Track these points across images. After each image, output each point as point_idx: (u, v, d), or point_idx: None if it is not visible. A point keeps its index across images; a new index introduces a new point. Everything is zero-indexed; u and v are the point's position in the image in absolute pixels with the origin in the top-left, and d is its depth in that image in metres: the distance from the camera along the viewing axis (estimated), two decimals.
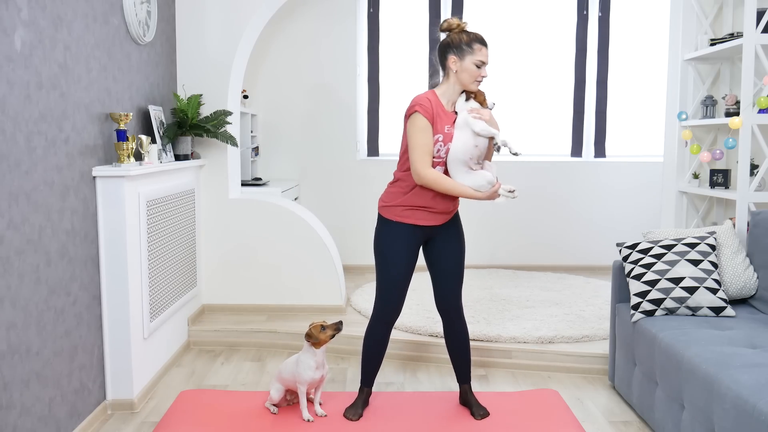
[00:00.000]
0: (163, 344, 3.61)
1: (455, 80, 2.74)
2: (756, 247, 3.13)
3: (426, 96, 2.72)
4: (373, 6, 5.83)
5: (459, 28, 2.75)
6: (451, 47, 2.72)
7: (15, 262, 2.35)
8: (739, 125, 3.44)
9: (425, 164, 2.67)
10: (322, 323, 2.82)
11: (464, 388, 3.01)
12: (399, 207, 2.78)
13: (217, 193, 4.33)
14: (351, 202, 5.91)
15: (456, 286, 2.91)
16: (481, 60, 2.69)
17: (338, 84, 5.85)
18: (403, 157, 2.79)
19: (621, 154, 6.05)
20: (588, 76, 5.93)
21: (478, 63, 2.69)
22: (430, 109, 2.68)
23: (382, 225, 2.84)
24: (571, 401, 3.22)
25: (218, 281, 4.39)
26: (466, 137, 2.70)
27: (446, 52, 2.73)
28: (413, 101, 2.71)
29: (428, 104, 2.68)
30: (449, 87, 2.76)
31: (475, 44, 2.69)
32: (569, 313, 4.19)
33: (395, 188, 2.81)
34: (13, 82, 2.34)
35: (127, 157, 3.09)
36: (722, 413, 2.19)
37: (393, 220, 2.80)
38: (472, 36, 2.71)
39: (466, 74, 2.71)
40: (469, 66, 2.69)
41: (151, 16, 3.68)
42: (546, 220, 5.96)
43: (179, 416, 2.92)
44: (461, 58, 2.69)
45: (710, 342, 2.55)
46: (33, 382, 2.47)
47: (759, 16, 3.46)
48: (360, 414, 2.91)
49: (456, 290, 2.91)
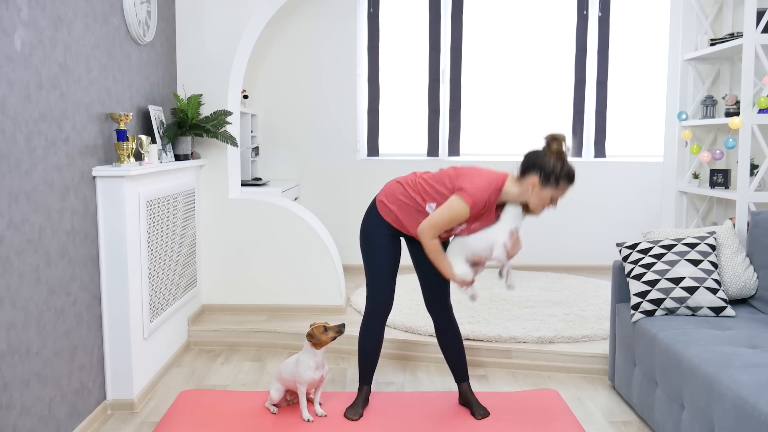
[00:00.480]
0: (163, 344, 3.61)
1: (522, 195, 2.66)
2: (756, 247, 3.12)
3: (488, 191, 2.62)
4: (373, 6, 5.83)
5: (558, 153, 2.62)
6: (540, 170, 2.60)
7: (15, 262, 2.35)
8: (739, 125, 3.44)
9: (435, 233, 2.67)
10: (324, 324, 2.82)
11: (464, 387, 3.01)
12: (395, 214, 2.81)
13: (217, 193, 4.33)
14: (351, 202, 5.91)
15: (443, 286, 2.93)
16: (560, 196, 2.64)
17: (338, 84, 5.85)
18: (428, 189, 2.73)
19: (621, 154, 6.05)
20: (588, 76, 5.93)
21: (555, 197, 2.64)
22: (480, 209, 2.63)
23: (371, 217, 2.86)
24: (571, 401, 3.22)
25: (218, 281, 4.39)
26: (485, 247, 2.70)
27: (533, 167, 2.62)
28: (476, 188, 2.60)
29: (481, 204, 2.61)
30: (514, 195, 2.68)
31: (563, 182, 2.61)
32: (569, 313, 4.19)
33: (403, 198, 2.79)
34: (13, 82, 2.34)
35: (127, 157, 3.09)
36: (722, 413, 2.19)
37: (384, 218, 2.83)
38: (566, 171, 2.60)
39: (537, 200, 2.64)
40: (545, 196, 2.63)
41: (151, 16, 3.68)
42: (546, 220, 5.95)
43: (179, 416, 2.92)
44: (543, 186, 2.61)
45: (710, 342, 2.55)
46: (33, 382, 2.47)
47: (759, 16, 3.46)
48: (360, 414, 2.92)
49: (443, 289, 2.93)
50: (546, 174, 2.60)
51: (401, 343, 3.78)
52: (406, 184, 2.80)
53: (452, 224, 2.67)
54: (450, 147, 5.96)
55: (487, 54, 5.92)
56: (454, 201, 2.63)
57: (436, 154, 5.97)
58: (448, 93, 5.93)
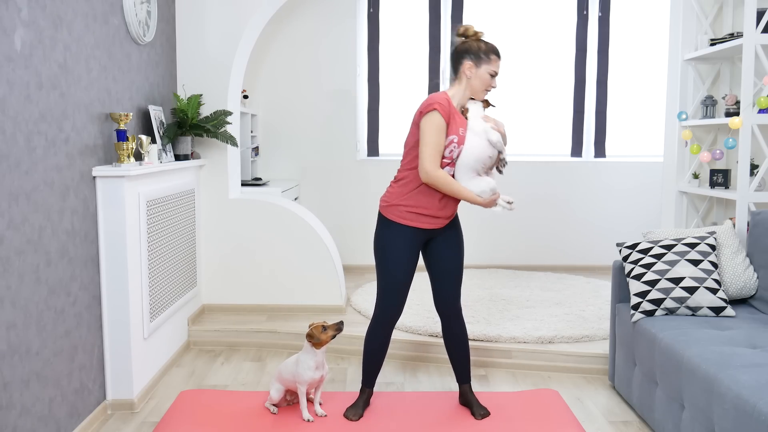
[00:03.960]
0: (163, 344, 3.61)
1: (467, 86, 2.79)
2: (756, 247, 3.13)
3: (444, 96, 2.74)
4: (373, 6, 5.83)
5: (476, 36, 2.80)
6: (468, 53, 2.76)
7: (15, 262, 2.35)
8: (739, 125, 3.44)
9: (435, 163, 2.68)
10: (323, 323, 2.82)
11: (464, 388, 3.01)
12: (401, 207, 2.78)
13: (217, 193, 4.33)
14: (351, 202, 5.91)
15: (455, 287, 2.91)
16: (495, 71, 2.77)
17: (338, 84, 5.85)
18: (409, 154, 2.78)
19: (621, 154, 6.05)
20: (588, 76, 5.93)
21: (492, 73, 2.76)
22: (448, 109, 2.70)
23: (382, 226, 2.83)
24: (571, 401, 3.22)
25: (218, 281, 4.39)
26: (483, 146, 2.73)
27: (462, 57, 2.77)
28: (431, 99, 2.72)
29: (446, 104, 2.70)
30: (459, 91, 2.80)
31: (492, 55, 2.76)
32: (569, 313, 4.19)
33: (398, 187, 2.80)
34: (13, 82, 2.34)
35: (127, 157, 3.09)
36: (722, 413, 2.19)
37: (394, 221, 2.79)
38: (490, 46, 2.77)
39: (478, 82, 2.77)
40: (483, 74, 2.76)
41: (151, 16, 3.68)
42: (546, 220, 5.96)
43: (179, 416, 2.92)
44: (477, 66, 2.75)
45: (710, 342, 2.55)
46: (33, 382, 2.47)
47: (759, 16, 3.46)
48: (360, 414, 2.92)
49: (455, 291, 2.92)
50: (473, 53, 2.75)
51: (401, 343, 3.78)
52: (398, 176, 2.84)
53: (440, 141, 2.68)
54: None
55: None
56: (425, 120, 2.69)
57: None
58: None
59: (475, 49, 2.76)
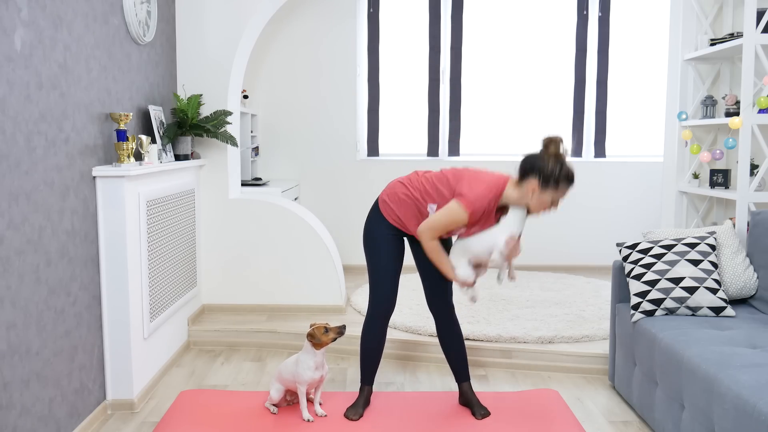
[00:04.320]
0: (163, 344, 3.61)
1: (524, 199, 2.65)
2: (756, 247, 3.12)
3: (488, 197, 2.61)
4: (373, 6, 5.83)
5: (554, 152, 2.60)
6: (540, 172, 2.58)
7: (15, 262, 2.35)
8: (739, 125, 3.44)
9: (434, 235, 2.69)
10: (325, 325, 2.82)
11: (464, 387, 3.01)
12: (394, 211, 2.82)
13: (217, 193, 4.33)
14: (351, 202, 5.91)
15: (445, 285, 2.93)
16: (559, 199, 2.62)
17: (338, 84, 5.85)
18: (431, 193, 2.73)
19: (621, 154, 6.05)
20: (588, 76, 5.93)
21: (555, 201, 2.62)
22: (479, 215, 2.63)
23: (374, 216, 2.87)
24: (571, 401, 3.22)
25: (218, 281, 4.39)
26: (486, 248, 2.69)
27: (532, 170, 2.60)
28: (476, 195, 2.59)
29: (480, 210, 2.61)
30: (516, 195, 2.66)
31: (563, 184, 2.59)
32: (569, 313, 4.19)
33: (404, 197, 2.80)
34: (13, 82, 2.34)
35: (127, 157, 3.09)
36: (722, 413, 2.19)
37: (386, 218, 2.84)
38: (565, 174, 2.58)
39: (537, 203, 2.63)
40: (545, 199, 2.61)
41: (151, 16, 3.68)
42: (546, 220, 5.96)
43: (179, 416, 2.92)
44: (543, 190, 2.60)
45: (710, 342, 2.55)
46: (33, 382, 2.47)
47: (759, 16, 3.46)
48: (360, 414, 2.92)
49: (446, 288, 2.94)
50: (545, 177, 2.58)
51: (401, 343, 3.78)
52: (408, 183, 2.81)
53: (450, 228, 2.68)
54: (450, 147, 5.96)
55: (487, 54, 5.92)
56: (453, 206, 2.63)
57: (436, 154, 5.97)
58: (448, 93, 5.93)
59: (549, 172, 2.57)
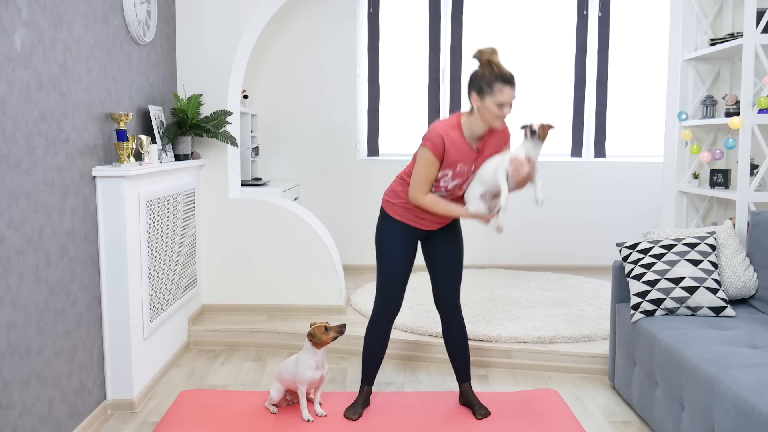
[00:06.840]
0: (163, 344, 3.61)
1: (477, 116, 2.62)
2: (756, 247, 3.12)
3: (445, 129, 2.63)
4: (373, 6, 5.83)
5: (486, 60, 2.59)
6: (473, 83, 2.60)
7: (15, 262, 2.35)
8: (739, 125, 3.44)
9: (422, 191, 2.69)
10: (325, 324, 2.82)
11: (465, 387, 3.01)
12: (399, 206, 2.83)
13: (217, 193, 4.33)
14: (351, 202, 5.91)
15: (455, 283, 2.93)
16: (502, 101, 2.54)
17: (338, 84, 5.85)
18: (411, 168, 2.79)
19: (621, 154, 6.05)
20: (588, 76, 5.93)
21: (499, 104, 2.55)
22: (441, 147, 2.62)
23: (382, 218, 2.89)
24: (571, 401, 3.22)
25: (218, 281, 4.39)
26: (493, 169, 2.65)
27: (469, 86, 2.62)
28: (430, 131, 2.64)
29: (440, 142, 2.61)
30: (470, 121, 2.66)
31: (496, 84, 2.53)
32: (569, 313, 4.19)
33: (400, 186, 2.84)
34: (13, 82, 2.34)
35: (127, 157, 3.09)
36: (722, 413, 2.19)
37: (393, 217, 2.84)
38: (496, 74, 2.54)
39: (486, 113, 2.58)
40: (489, 106, 2.56)
41: (151, 16, 3.68)
42: (546, 220, 5.96)
43: (179, 416, 2.92)
44: (481, 98, 2.57)
45: (710, 342, 2.55)
46: (33, 382, 2.47)
47: (759, 16, 3.46)
48: (360, 413, 2.92)
49: (455, 287, 2.93)
50: (478, 86, 2.57)
51: (401, 343, 3.78)
52: (404, 173, 2.85)
53: (430, 174, 2.67)
54: None
55: None
56: (418, 153, 2.70)
57: None
58: (448, 93, 5.93)
59: (480, 78, 2.57)
